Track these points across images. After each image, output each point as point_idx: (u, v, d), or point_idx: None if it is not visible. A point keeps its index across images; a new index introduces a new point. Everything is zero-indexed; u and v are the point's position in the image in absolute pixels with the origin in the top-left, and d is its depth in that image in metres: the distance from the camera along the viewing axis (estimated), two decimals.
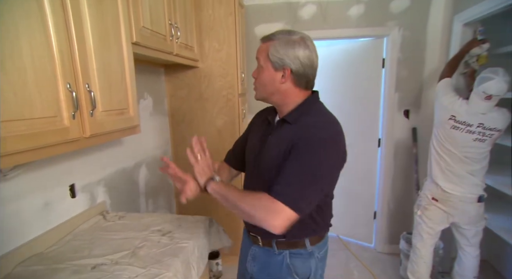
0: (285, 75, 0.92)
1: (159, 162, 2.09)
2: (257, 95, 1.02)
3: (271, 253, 1.01)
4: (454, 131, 1.65)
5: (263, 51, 0.94)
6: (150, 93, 1.97)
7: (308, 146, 0.85)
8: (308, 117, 0.92)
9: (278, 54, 0.90)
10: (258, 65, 0.97)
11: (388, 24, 2.23)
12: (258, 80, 0.98)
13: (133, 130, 1.28)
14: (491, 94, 1.54)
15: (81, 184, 1.35)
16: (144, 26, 1.31)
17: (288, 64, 0.90)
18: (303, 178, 0.83)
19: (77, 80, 0.91)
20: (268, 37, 0.94)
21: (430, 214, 1.80)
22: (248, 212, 0.86)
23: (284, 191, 0.83)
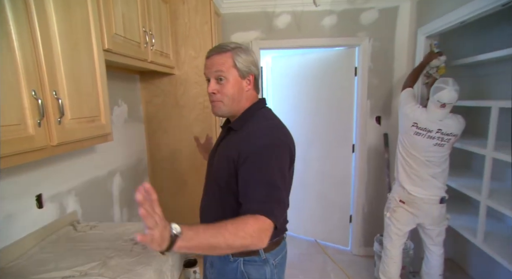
0: (250, 82, 0.96)
1: (133, 170, 2.06)
2: (222, 110, 0.97)
3: (227, 261, 1.00)
4: (416, 137, 1.76)
5: (224, 62, 0.93)
6: (125, 100, 1.94)
7: (259, 158, 0.86)
8: (252, 124, 0.95)
9: (244, 61, 0.93)
10: (219, 77, 0.93)
11: (359, 34, 2.33)
12: (225, 93, 0.94)
13: (105, 138, 1.26)
14: (444, 103, 1.68)
15: (50, 194, 1.31)
16: (116, 33, 1.31)
17: (253, 70, 0.96)
18: (268, 186, 0.84)
19: (43, 87, 0.89)
20: (223, 48, 0.94)
21: (398, 216, 1.89)
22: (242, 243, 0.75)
23: (260, 206, 0.81)
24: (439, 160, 1.77)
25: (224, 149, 0.98)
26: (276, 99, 3.01)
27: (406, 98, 1.86)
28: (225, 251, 0.78)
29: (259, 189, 0.84)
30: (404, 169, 1.83)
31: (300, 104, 2.82)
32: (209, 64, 0.95)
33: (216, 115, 1.01)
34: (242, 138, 0.92)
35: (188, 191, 2.22)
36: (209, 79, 0.97)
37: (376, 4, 2.27)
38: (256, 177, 0.86)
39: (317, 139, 2.73)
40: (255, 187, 0.85)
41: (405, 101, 1.85)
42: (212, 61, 0.94)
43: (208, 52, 0.98)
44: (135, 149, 2.09)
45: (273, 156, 0.87)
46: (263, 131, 0.93)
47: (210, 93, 0.96)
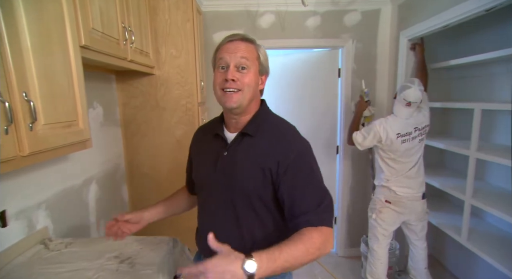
0: (263, 81, 0.92)
1: (111, 177, 1.90)
2: (240, 101, 0.86)
3: None
4: (404, 144, 1.80)
5: (252, 51, 0.87)
6: (100, 102, 1.78)
7: (301, 166, 0.84)
8: (269, 127, 0.90)
9: (265, 58, 0.90)
10: (242, 65, 0.84)
11: (342, 36, 2.34)
12: (246, 82, 0.85)
13: (83, 145, 1.13)
14: (410, 101, 1.74)
15: (16, 210, 1.14)
16: (94, 28, 1.18)
17: (268, 70, 0.93)
18: (320, 193, 0.83)
19: (10, 87, 0.76)
20: (250, 39, 0.89)
21: (384, 216, 1.90)
22: (310, 259, 0.76)
23: (319, 217, 0.80)
24: (420, 155, 1.85)
25: (250, 158, 0.87)
26: None
27: (364, 139, 1.86)
28: (295, 269, 0.78)
29: (313, 198, 0.82)
30: (391, 173, 1.86)
31: (283, 105, 2.77)
32: (232, 48, 0.84)
33: (230, 107, 0.87)
34: (273, 144, 0.86)
35: None
36: (225, 65, 0.85)
37: (359, 6, 2.28)
38: (307, 185, 0.84)
39: None
40: (309, 196, 0.83)
41: (367, 132, 1.84)
42: (237, 45, 0.85)
43: (229, 37, 0.88)
44: (112, 155, 1.93)
45: (312, 159, 0.87)
46: (292, 135, 0.90)
47: (228, 79, 0.83)
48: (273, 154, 0.84)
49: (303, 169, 0.84)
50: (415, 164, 1.84)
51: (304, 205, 0.81)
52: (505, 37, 1.71)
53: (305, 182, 0.83)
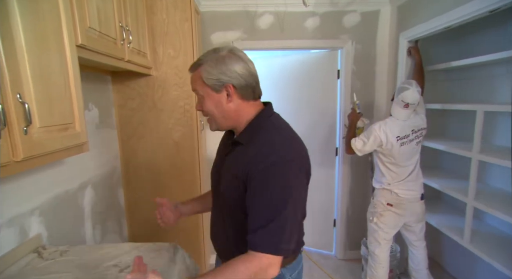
0: (229, 93, 0.85)
1: (107, 181, 1.84)
2: (213, 127, 0.93)
3: None
4: (403, 147, 1.78)
5: (196, 79, 0.87)
6: (96, 103, 1.73)
7: (265, 178, 0.78)
8: (260, 138, 0.85)
9: (212, 75, 0.84)
10: (198, 96, 0.90)
11: (341, 37, 2.32)
12: (206, 110, 0.89)
13: (80, 149, 1.08)
14: (408, 103, 1.72)
15: (7, 217, 1.09)
16: (91, 26, 1.13)
17: (227, 81, 0.84)
18: (274, 215, 0.76)
19: (3, 89, 0.71)
20: (196, 64, 0.88)
21: (385, 220, 1.88)
22: None
23: (260, 240, 0.76)
24: (418, 158, 1.84)
25: (232, 166, 0.88)
26: None
27: (364, 137, 1.83)
28: None
29: (264, 216, 0.77)
30: (392, 178, 1.84)
31: (281, 107, 2.70)
32: (191, 80, 0.91)
33: (211, 130, 0.94)
34: (251, 155, 0.82)
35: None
36: None
37: (358, 7, 2.27)
38: (258, 202, 0.79)
39: None
40: (261, 214, 0.78)
41: (367, 137, 1.81)
42: (190, 79, 0.91)
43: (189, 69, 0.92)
44: (108, 158, 1.87)
45: (284, 175, 0.79)
46: (272, 147, 0.82)
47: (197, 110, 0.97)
48: (249, 164, 0.81)
49: (267, 183, 0.78)
50: (414, 167, 1.83)
51: (254, 222, 0.79)
52: (507, 38, 1.71)
53: (263, 197, 0.78)
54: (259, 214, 0.78)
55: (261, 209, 0.78)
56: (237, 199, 0.85)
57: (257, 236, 0.77)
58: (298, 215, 0.84)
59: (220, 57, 0.84)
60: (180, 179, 2.04)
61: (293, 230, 0.80)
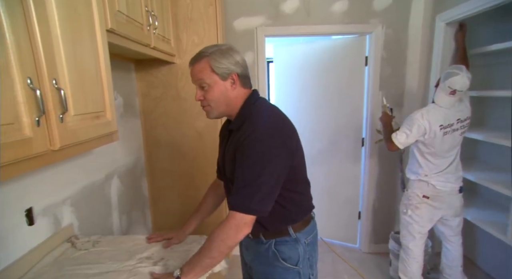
0: (234, 81, 0.96)
1: (132, 171, 1.83)
2: (212, 114, 1.01)
3: (260, 243, 1.06)
4: (446, 137, 1.67)
5: (203, 69, 0.94)
6: (120, 92, 1.70)
7: (246, 150, 0.89)
8: (249, 122, 0.94)
9: (221, 64, 0.94)
10: (201, 85, 0.96)
11: (371, 21, 2.19)
12: (210, 99, 0.96)
13: (111, 138, 1.05)
14: (455, 89, 1.60)
15: (41, 206, 1.08)
16: (119, 10, 1.09)
17: (233, 69, 0.95)
18: (245, 181, 0.88)
19: (40, 74, 0.67)
20: (200, 56, 0.96)
21: (421, 213, 1.80)
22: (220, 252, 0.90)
23: (235, 201, 0.89)
24: (459, 149, 1.75)
25: (229, 149, 0.99)
26: (278, 91, 2.84)
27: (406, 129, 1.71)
28: (218, 259, 0.92)
29: (242, 180, 0.89)
30: (430, 169, 1.74)
31: (305, 96, 2.66)
32: (191, 73, 0.97)
33: (210, 118, 1.03)
34: (239, 136, 0.93)
35: (191, 192, 2.02)
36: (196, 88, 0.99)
37: None
38: (239, 169, 0.91)
39: (323, 133, 2.59)
40: (237, 180, 0.90)
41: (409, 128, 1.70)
42: (193, 70, 0.97)
43: (189, 62, 0.99)
44: (132, 148, 1.86)
45: (263, 146, 0.88)
46: (255, 126, 0.92)
47: (197, 100, 0.99)
48: (237, 142, 0.92)
49: (247, 154, 0.89)
50: (454, 158, 1.73)
51: (234, 186, 0.91)
52: None
53: (243, 165, 0.89)
54: (238, 180, 0.90)
55: (240, 175, 0.90)
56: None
57: (233, 197, 0.89)
58: (275, 183, 0.91)
59: (224, 49, 0.96)
60: (203, 169, 2.00)
61: (267, 195, 0.90)
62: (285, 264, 1.03)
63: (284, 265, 1.03)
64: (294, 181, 1.00)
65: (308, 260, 1.07)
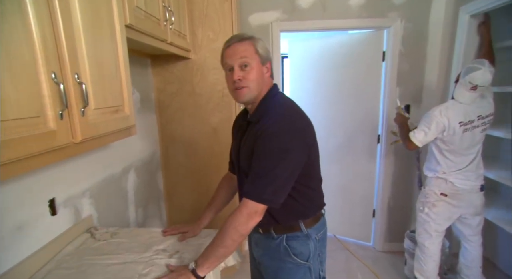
0: (268, 69, 1.00)
1: (148, 165, 1.86)
2: (248, 96, 0.96)
3: (270, 238, 1.05)
4: (465, 134, 1.62)
5: (247, 49, 0.94)
6: (137, 87, 1.73)
7: (264, 143, 0.90)
8: (268, 114, 0.95)
9: (263, 48, 0.96)
10: (244, 63, 0.94)
11: (389, 15, 2.13)
12: (251, 79, 0.95)
13: (129, 132, 1.07)
14: (476, 85, 1.54)
15: (63, 198, 1.12)
16: (137, 6, 1.10)
17: (270, 57, 1.00)
18: (260, 172, 0.89)
19: (63, 68, 0.69)
20: (243, 37, 0.96)
21: (438, 211, 1.75)
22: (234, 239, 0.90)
23: (249, 189, 0.90)
24: (480, 147, 1.69)
25: (246, 142, 0.99)
26: (293, 86, 2.81)
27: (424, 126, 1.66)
28: (231, 249, 0.91)
29: (257, 170, 0.90)
30: (448, 167, 1.69)
31: (320, 91, 2.63)
32: (231, 52, 0.95)
33: (241, 102, 1.00)
34: (258, 128, 0.93)
35: (205, 187, 2.04)
36: (230, 68, 0.96)
37: None
38: (255, 161, 0.91)
39: (338, 129, 2.56)
40: (252, 171, 0.91)
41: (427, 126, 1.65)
42: (235, 48, 0.95)
43: (226, 42, 0.98)
44: (148, 142, 1.89)
45: (281, 142, 0.89)
46: (278, 117, 0.94)
47: (235, 80, 0.94)
48: (256, 135, 0.92)
49: (264, 146, 0.89)
50: (475, 156, 1.67)
51: (250, 176, 0.92)
52: None
53: (260, 157, 0.90)
54: (254, 171, 0.91)
55: (256, 166, 0.91)
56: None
57: (248, 186, 0.91)
58: (289, 176, 0.92)
59: (260, 38, 0.98)
60: (218, 164, 2.02)
61: (280, 187, 0.91)
62: (297, 259, 1.02)
63: (295, 260, 1.02)
64: (308, 176, 1.00)
65: (318, 256, 1.07)
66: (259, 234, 1.09)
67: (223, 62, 0.99)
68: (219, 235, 0.91)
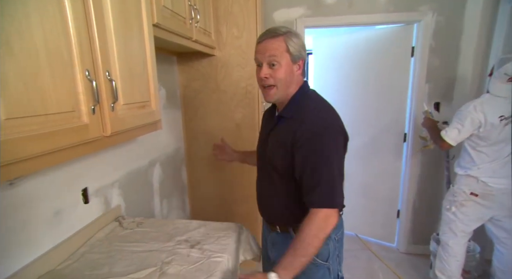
0: (299, 67, 0.95)
1: (172, 160, 1.93)
2: (275, 96, 0.95)
3: (289, 238, 1.01)
4: (506, 128, 1.52)
5: (278, 47, 0.91)
6: (163, 84, 1.79)
7: (311, 145, 0.88)
8: (302, 109, 0.94)
9: (296, 46, 0.92)
10: (272, 62, 0.92)
11: (420, 8, 2.04)
12: (279, 78, 0.92)
13: (155, 126, 1.12)
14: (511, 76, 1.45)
15: (94, 187, 1.19)
16: (164, 5, 1.14)
17: (303, 55, 0.95)
18: (323, 175, 0.88)
19: (96, 66, 0.74)
20: (276, 33, 0.92)
21: (467, 211, 1.68)
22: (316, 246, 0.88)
23: (316, 198, 0.88)
24: None
25: (277, 136, 0.98)
26: (317, 83, 2.78)
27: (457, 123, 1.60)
28: (314, 255, 0.90)
29: (317, 178, 0.88)
30: (482, 160, 1.60)
31: (345, 88, 2.58)
32: (261, 48, 0.93)
33: (269, 101, 0.99)
34: (297, 123, 0.92)
35: (228, 182, 2.08)
36: (260, 64, 0.95)
37: None
38: (309, 166, 0.89)
39: (363, 127, 2.50)
40: (309, 177, 0.89)
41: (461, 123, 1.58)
42: (265, 45, 0.92)
43: (259, 37, 0.95)
44: (173, 138, 1.96)
45: (329, 142, 0.89)
46: (316, 115, 0.93)
47: (262, 77, 0.93)
48: (295, 131, 0.90)
49: (314, 149, 0.88)
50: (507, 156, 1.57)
51: (308, 184, 0.90)
52: None
53: (312, 161, 0.88)
54: (312, 177, 0.89)
55: (312, 171, 0.89)
56: (285, 167, 0.95)
57: (314, 195, 0.89)
58: (342, 174, 0.93)
59: (294, 32, 0.94)
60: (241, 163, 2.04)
61: (340, 186, 0.91)
62: (316, 260, 1.00)
63: (315, 261, 1.00)
64: None
65: (337, 256, 1.05)
66: (277, 233, 1.08)
67: (254, 58, 0.97)
68: (298, 246, 0.87)
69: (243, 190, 2.04)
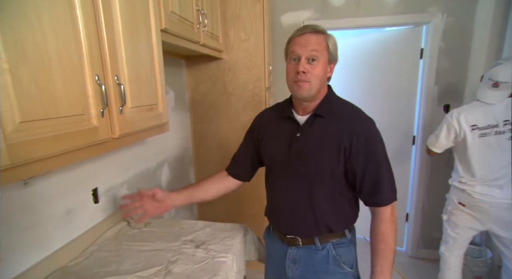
0: (331, 69, 0.94)
1: (180, 161, 1.97)
2: (308, 92, 0.90)
3: (314, 250, 0.98)
4: (483, 139, 1.47)
5: (321, 43, 0.88)
6: (172, 86, 1.83)
7: (369, 146, 0.90)
8: (339, 109, 0.95)
9: (333, 47, 0.91)
10: (312, 57, 0.88)
11: (429, 10, 2.02)
12: (316, 74, 0.89)
13: (162, 128, 1.15)
14: (497, 81, 1.40)
15: (104, 188, 1.23)
16: (172, 11, 1.17)
17: (337, 58, 0.94)
18: (385, 171, 0.91)
19: (105, 71, 0.77)
20: (319, 30, 0.90)
21: (456, 219, 1.66)
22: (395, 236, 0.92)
23: (385, 196, 0.91)
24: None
25: (323, 137, 0.93)
26: None
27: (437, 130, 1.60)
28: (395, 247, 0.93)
29: (386, 176, 0.90)
30: (466, 175, 1.57)
31: (353, 90, 2.55)
32: (303, 41, 0.88)
33: (300, 96, 0.92)
34: (346, 124, 0.91)
35: None
36: (296, 57, 0.89)
37: None
38: (371, 167, 0.90)
39: None
40: (372, 178, 0.90)
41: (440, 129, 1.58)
42: (308, 39, 0.88)
43: (299, 30, 0.91)
44: (181, 139, 1.99)
45: (381, 139, 0.93)
46: (363, 115, 0.95)
47: (300, 71, 0.88)
48: (347, 132, 0.90)
49: (373, 150, 0.90)
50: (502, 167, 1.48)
51: (374, 184, 0.90)
52: None
53: (374, 162, 0.90)
54: (376, 177, 0.90)
55: (376, 172, 0.90)
56: (335, 170, 0.92)
57: (382, 194, 0.90)
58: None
59: (333, 35, 0.93)
60: None
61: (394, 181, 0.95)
62: (345, 268, 0.96)
63: (344, 269, 0.96)
64: None
65: (357, 261, 1.02)
66: (298, 247, 1.00)
67: (290, 50, 0.91)
68: (382, 247, 0.90)
69: (250, 191, 2.06)
